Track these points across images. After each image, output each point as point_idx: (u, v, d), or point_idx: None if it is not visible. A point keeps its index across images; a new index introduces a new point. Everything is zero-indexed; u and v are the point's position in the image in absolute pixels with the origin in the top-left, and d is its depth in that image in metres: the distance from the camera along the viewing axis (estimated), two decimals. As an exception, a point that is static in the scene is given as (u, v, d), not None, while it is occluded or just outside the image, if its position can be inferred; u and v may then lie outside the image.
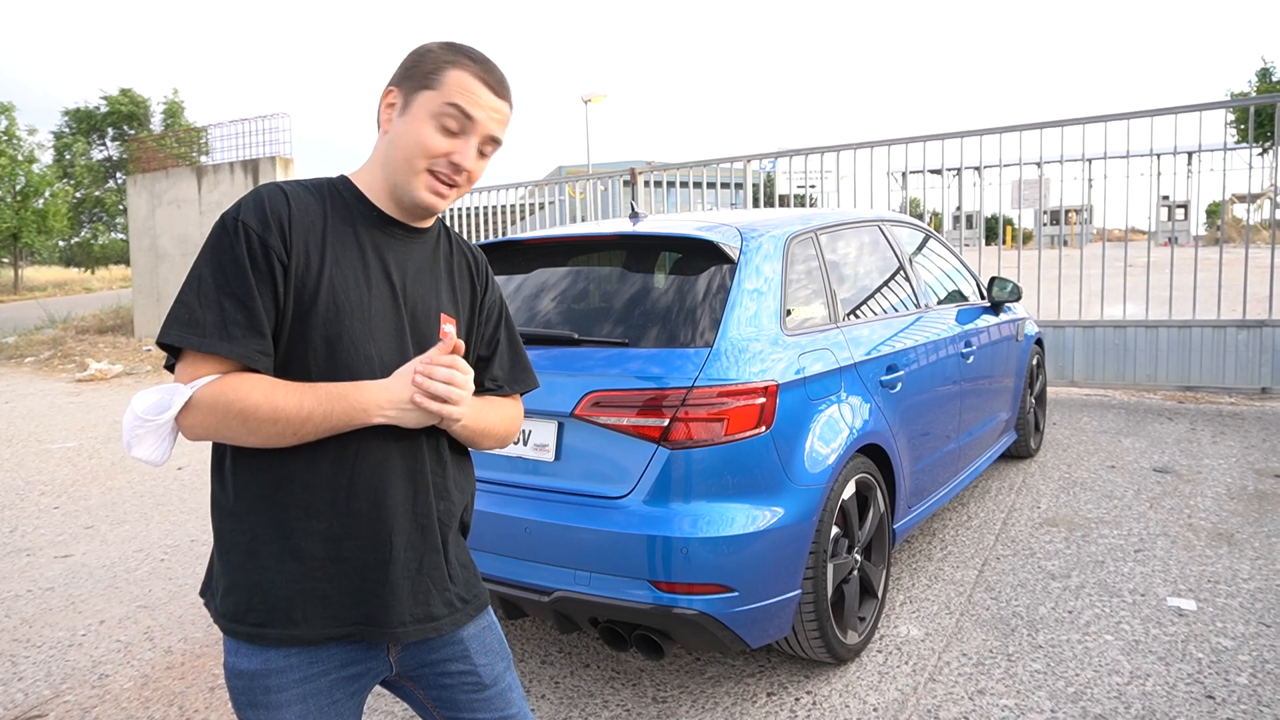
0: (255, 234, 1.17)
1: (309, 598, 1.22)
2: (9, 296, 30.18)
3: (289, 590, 1.22)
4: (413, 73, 1.26)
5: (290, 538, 1.21)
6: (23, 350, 13.19)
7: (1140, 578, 3.39)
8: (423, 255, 1.34)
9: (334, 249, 1.23)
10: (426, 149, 1.24)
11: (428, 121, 1.23)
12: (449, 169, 1.25)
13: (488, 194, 10.69)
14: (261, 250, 1.17)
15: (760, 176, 9.09)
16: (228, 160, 14.01)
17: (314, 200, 1.25)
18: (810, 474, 2.56)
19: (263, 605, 1.22)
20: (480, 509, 2.59)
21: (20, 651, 3.18)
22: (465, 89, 1.24)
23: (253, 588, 1.22)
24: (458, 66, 1.25)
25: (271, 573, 1.21)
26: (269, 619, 1.22)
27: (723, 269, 2.69)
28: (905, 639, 2.98)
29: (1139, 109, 6.66)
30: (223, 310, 1.15)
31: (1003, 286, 4.57)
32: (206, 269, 1.17)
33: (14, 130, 33.21)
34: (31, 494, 5.38)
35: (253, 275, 1.16)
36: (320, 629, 1.23)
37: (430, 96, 1.24)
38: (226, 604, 1.24)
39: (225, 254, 1.17)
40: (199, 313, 1.15)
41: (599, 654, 2.96)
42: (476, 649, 1.38)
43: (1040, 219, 7.82)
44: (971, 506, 4.37)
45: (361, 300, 1.24)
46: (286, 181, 1.26)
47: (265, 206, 1.20)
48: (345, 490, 1.23)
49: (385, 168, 1.28)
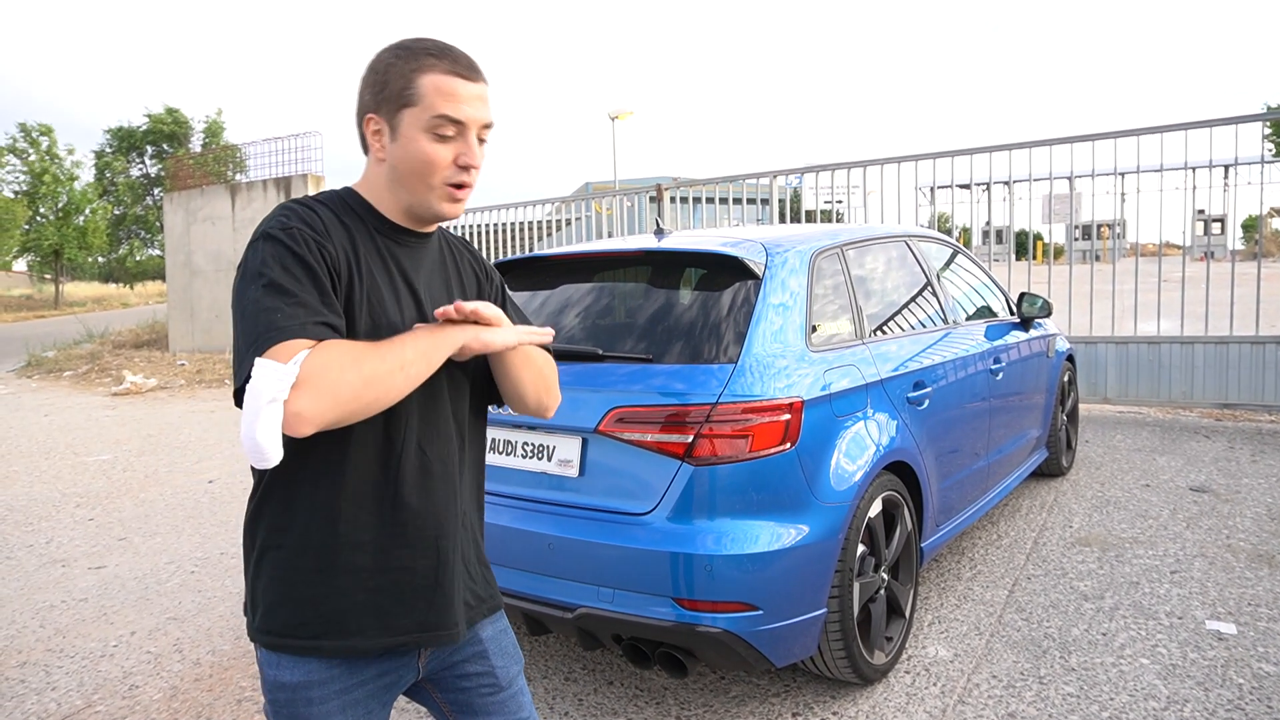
0: (311, 238, 1.16)
1: (363, 609, 1.23)
2: (50, 312, 30.88)
3: (343, 603, 1.23)
4: (384, 94, 1.23)
5: (340, 550, 1.22)
6: (61, 364, 13.47)
7: (1177, 600, 3.32)
8: (432, 258, 1.36)
9: (364, 258, 1.24)
10: (434, 165, 1.23)
11: (422, 139, 1.22)
12: (462, 174, 1.25)
13: (515, 210, 10.78)
14: (319, 249, 1.16)
15: (786, 192, 9.08)
16: (260, 178, 14.27)
17: (334, 217, 1.25)
18: (836, 491, 2.54)
19: (317, 618, 1.22)
20: (504, 524, 2.60)
21: (54, 661, 3.23)
22: (444, 93, 1.21)
23: (304, 601, 1.22)
24: (425, 71, 1.21)
25: (323, 586, 1.22)
26: (324, 631, 1.22)
27: (748, 285, 2.69)
28: (934, 660, 2.93)
29: (1173, 122, 6.57)
30: (308, 306, 1.11)
31: (1033, 302, 4.52)
32: (277, 273, 1.12)
33: (55, 150, 34.12)
34: (67, 505, 5.47)
35: (321, 270, 1.15)
36: (375, 639, 1.25)
37: (414, 114, 1.21)
38: (275, 619, 1.24)
39: (288, 257, 1.13)
40: (289, 310, 1.10)
41: (623, 671, 2.94)
42: (495, 650, 1.41)
43: (1071, 234, 7.73)
44: (1001, 525, 4.30)
45: (393, 315, 1.24)
46: (300, 199, 1.25)
47: (305, 216, 1.19)
48: (391, 500, 1.24)
49: (397, 191, 1.27)
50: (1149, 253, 13.96)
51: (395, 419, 1.24)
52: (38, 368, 13.52)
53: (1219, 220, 20.66)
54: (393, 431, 1.24)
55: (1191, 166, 6.63)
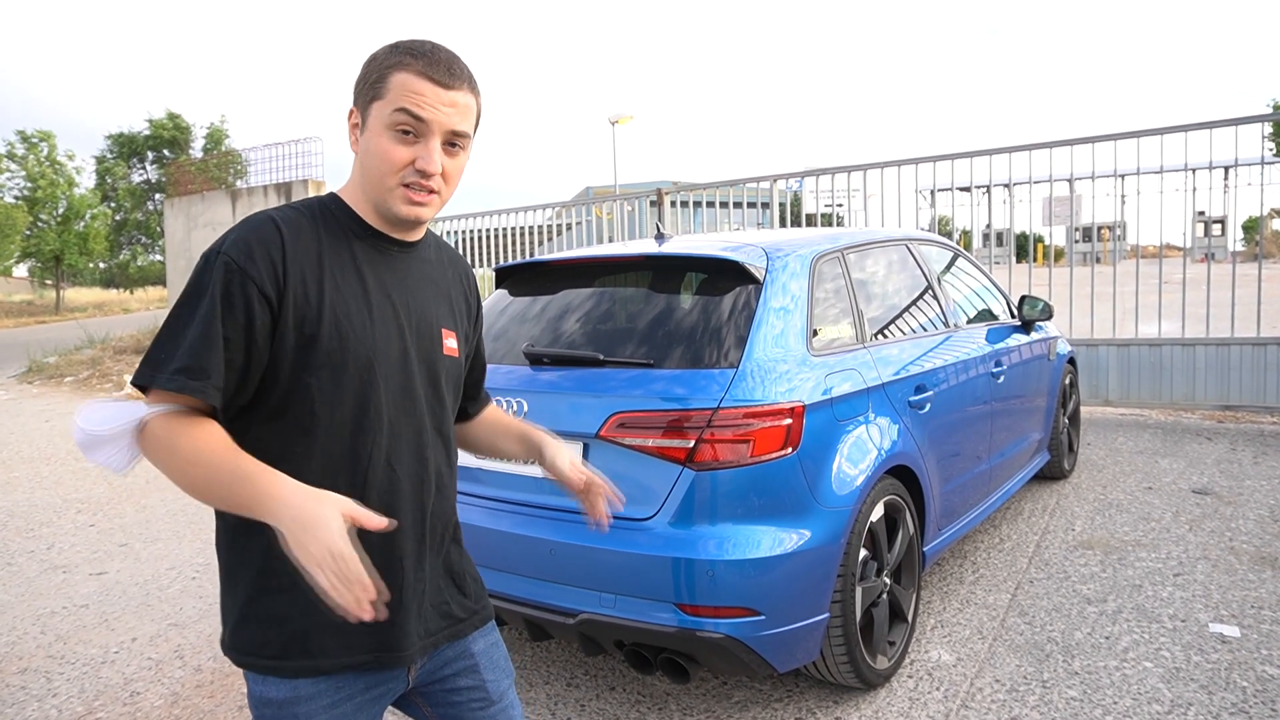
0: (236, 268, 1.14)
1: (323, 629, 1.20)
2: (50, 317, 30.91)
3: (304, 622, 1.20)
4: (362, 86, 1.22)
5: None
6: (63, 370, 13.47)
7: (1180, 603, 3.31)
8: (419, 269, 1.33)
9: (332, 273, 1.21)
10: (390, 162, 1.20)
11: (384, 134, 1.19)
12: (418, 177, 1.21)
13: (515, 215, 10.78)
14: (240, 285, 1.13)
15: (787, 196, 9.08)
16: (261, 183, 14.29)
17: (307, 224, 1.22)
18: (838, 496, 2.53)
19: (279, 638, 1.21)
20: (505, 530, 2.60)
21: (55, 668, 3.22)
22: (409, 90, 1.18)
23: (267, 619, 1.21)
24: (400, 68, 1.19)
25: (284, 605, 1.20)
26: (285, 651, 1.21)
27: (748, 289, 2.69)
28: (936, 664, 2.92)
29: (1173, 124, 6.57)
30: (184, 349, 1.12)
31: (1033, 305, 4.51)
32: (183, 306, 1.14)
33: (54, 156, 34.19)
34: (69, 511, 5.47)
35: (223, 313, 1.12)
36: (337, 659, 1.23)
37: (380, 107, 1.20)
38: (240, 637, 1.23)
39: (199, 291, 1.14)
40: (166, 350, 1.13)
41: (625, 677, 2.94)
42: (486, 664, 1.40)
43: (1072, 236, 7.73)
44: (1004, 528, 4.29)
45: (364, 323, 1.22)
46: (278, 208, 1.23)
47: (253, 243, 1.16)
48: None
49: (365, 187, 1.25)
50: (1150, 254, 13.96)
51: (364, 434, 1.22)
52: (39, 373, 13.52)
53: (1219, 221, 20.66)
54: (359, 447, 1.22)
55: (1192, 168, 6.63)
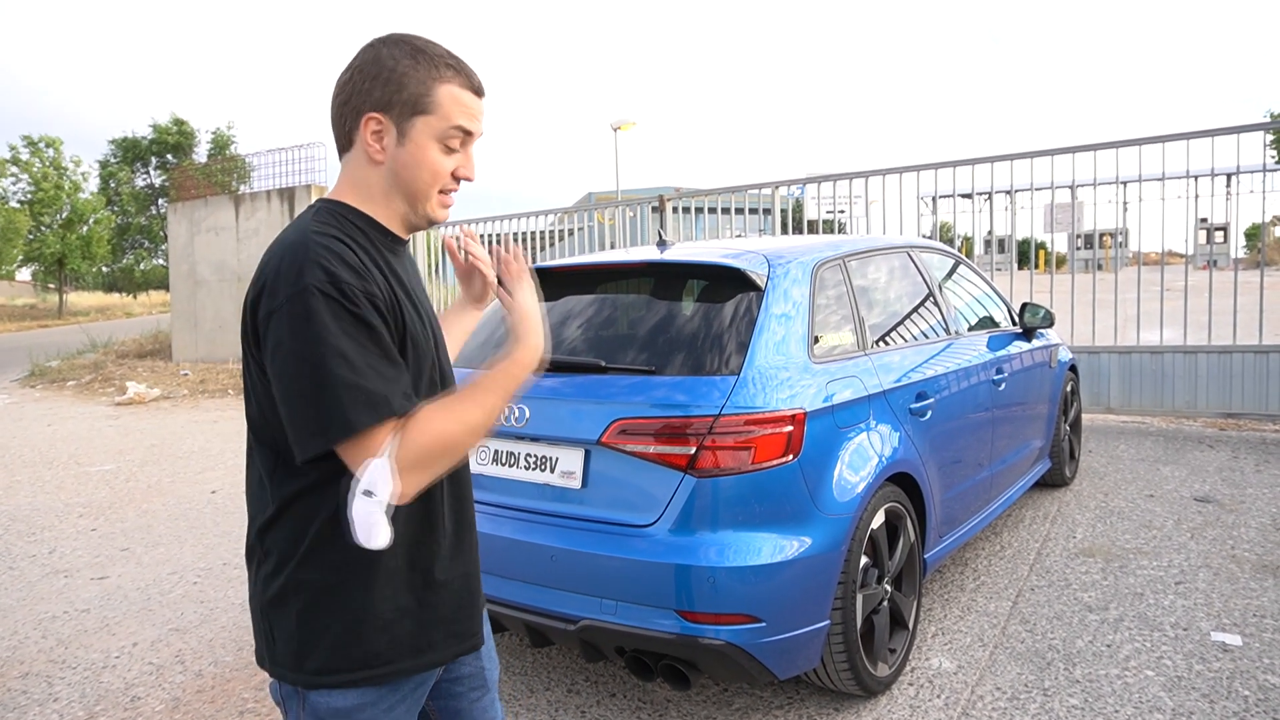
0: (359, 289, 1.12)
1: (434, 625, 1.27)
2: (53, 321, 30.97)
3: (410, 623, 1.25)
4: (399, 97, 1.20)
5: (415, 567, 1.25)
6: (65, 374, 13.50)
7: (1182, 611, 3.30)
8: (412, 261, 1.38)
9: (391, 285, 1.21)
10: (439, 175, 1.25)
11: (433, 147, 1.22)
12: (454, 183, 1.29)
13: (518, 220, 10.81)
14: (369, 300, 1.13)
15: (789, 202, 9.09)
16: (264, 189, 14.32)
17: (352, 240, 1.20)
18: (839, 503, 2.54)
19: (379, 647, 1.22)
20: (506, 536, 2.60)
21: (56, 673, 3.22)
22: (462, 106, 1.24)
23: (366, 633, 1.21)
24: (443, 82, 1.22)
25: (397, 607, 1.23)
26: (397, 653, 1.23)
27: (750, 296, 2.69)
28: (937, 672, 2.92)
29: (1175, 131, 6.58)
30: (384, 376, 1.11)
31: (1034, 312, 4.52)
32: (344, 342, 1.09)
33: (60, 161, 34.30)
34: (70, 515, 5.48)
35: (383, 328, 1.14)
36: (444, 651, 1.30)
37: (429, 121, 1.21)
38: (341, 656, 1.20)
39: (346, 321, 1.10)
40: (373, 385, 1.09)
41: (626, 683, 2.94)
42: (484, 651, 1.44)
43: (1074, 243, 7.74)
44: (1005, 536, 4.29)
45: (415, 325, 1.24)
46: (315, 228, 1.18)
47: (344, 257, 1.14)
48: (454, 512, 1.30)
49: (393, 197, 1.25)
50: (1151, 261, 13.96)
51: None
52: (41, 377, 13.55)
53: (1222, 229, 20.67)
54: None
55: (1194, 175, 6.64)
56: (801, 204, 9.09)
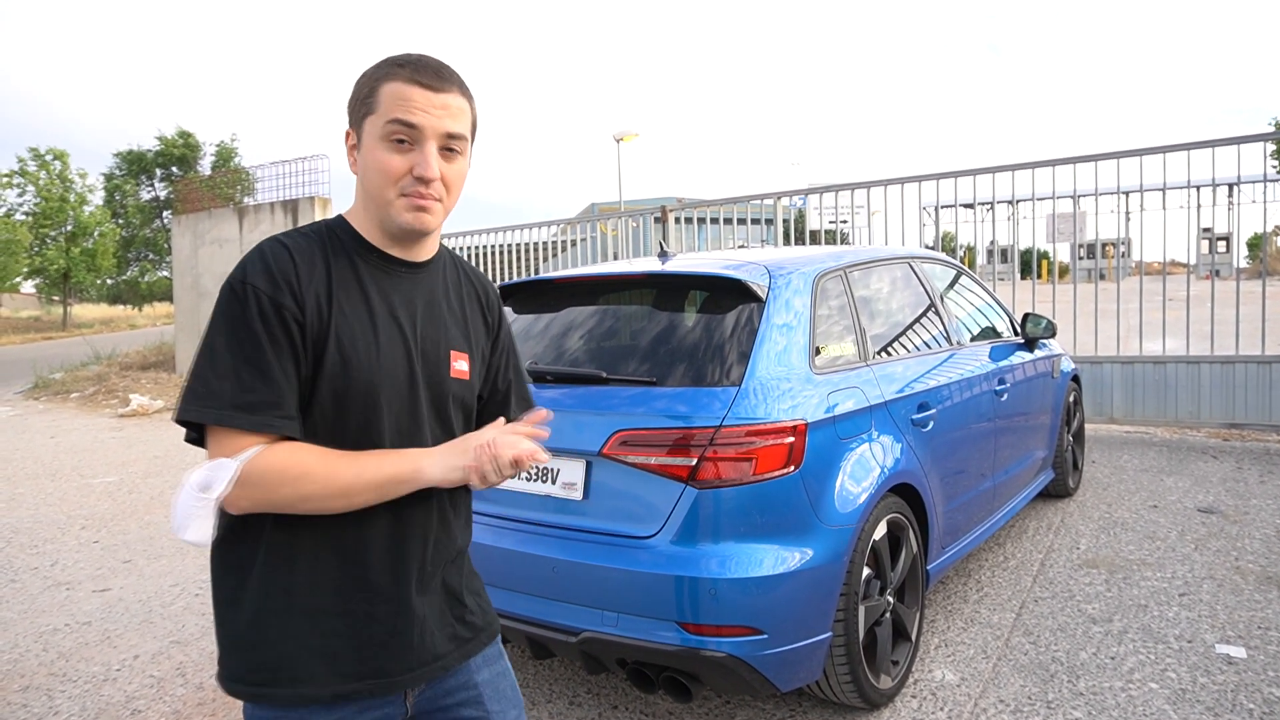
0: (266, 296, 1.14)
1: (315, 654, 1.20)
2: (57, 333, 31.04)
3: (293, 647, 1.19)
4: (354, 105, 1.24)
5: (295, 591, 1.19)
6: (69, 386, 13.52)
7: (1186, 623, 3.29)
8: (430, 290, 1.31)
9: (339, 297, 1.20)
10: (387, 173, 1.20)
11: (379, 146, 1.20)
12: (416, 184, 1.21)
13: (521, 231, 10.84)
14: (275, 312, 1.14)
15: (791, 213, 9.11)
16: (268, 200, 14.37)
17: (315, 249, 1.22)
18: (840, 514, 2.53)
19: (268, 663, 1.19)
20: (507, 547, 2.60)
21: (57, 686, 3.22)
22: (398, 99, 1.19)
23: (257, 644, 1.20)
24: (387, 80, 1.21)
25: (276, 630, 1.19)
26: (275, 678, 1.19)
27: (751, 307, 2.69)
28: (940, 684, 2.90)
29: (1176, 142, 6.59)
30: (240, 380, 1.12)
31: (1036, 323, 4.52)
32: (220, 338, 1.14)
33: (66, 174, 34.46)
34: (73, 528, 5.48)
35: (267, 340, 1.13)
36: (326, 686, 1.21)
37: (372, 121, 1.21)
38: (230, 664, 1.22)
39: (236, 321, 1.14)
40: (215, 384, 1.12)
41: (628, 695, 2.93)
42: (490, 694, 1.36)
43: (1076, 253, 7.74)
44: (1008, 547, 4.27)
45: (369, 348, 1.21)
46: (286, 233, 1.23)
47: (272, 265, 1.17)
48: (350, 541, 1.21)
49: (368, 206, 1.26)
50: (1154, 271, 13.95)
51: None
52: (45, 389, 13.58)
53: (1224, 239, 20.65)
54: None
55: (1195, 185, 6.65)
56: (804, 214, 9.11)
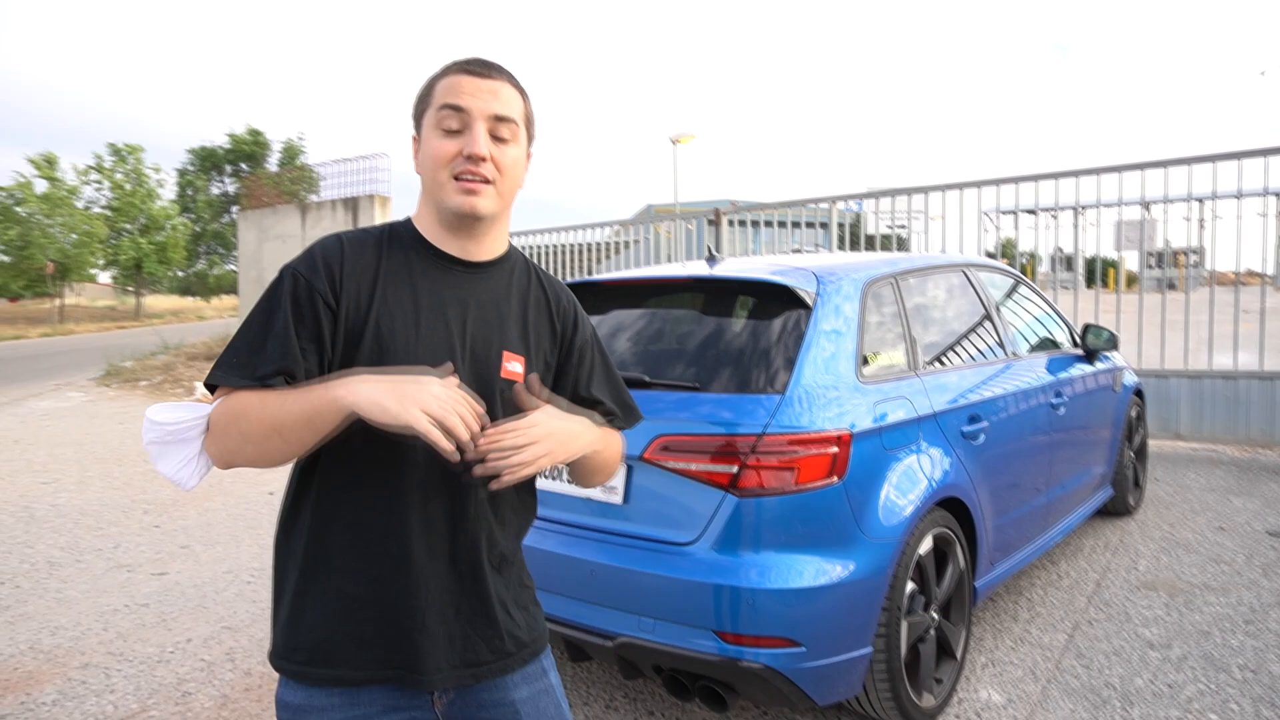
0: (303, 279, 1.23)
1: (348, 639, 1.24)
2: (130, 323, 32.23)
3: (329, 631, 1.24)
4: (416, 107, 1.32)
5: (332, 577, 1.24)
6: (138, 374, 14.02)
7: (1252, 652, 3.14)
8: (490, 291, 1.32)
9: (384, 288, 1.26)
10: (439, 156, 1.25)
11: (433, 135, 1.26)
12: (467, 164, 1.24)
13: (576, 232, 10.90)
14: (306, 294, 1.22)
15: (847, 217, 8.99)
16: (330, 198, 14.71)
17: (370, 243, 1.29)
18: (884, 527, 2.48)
19: (306, 644, 1.25)
20: (546, 549, 2.60)
21: (114, 664, 3.33)
22: (449, 88, 1.26)
23: (297, 628, 1.25)
24: (442, 76, 1.28)
25: (315, 612, 1.24)
26: (312, 658, 1.24)
27: (797, 314, 2.66)
28: (985, 704, 2.83)
29: (1251, 147, 6.32)
30: (257, 350, 1.20)
31: (1097, 334, 4.37)
32: (256, 314, 1.23)
33: (140, 168, 35.78)
34: (135, 512, 5.68)
35: (292, 317, 1.20)
36: (358, 670, 1.24)
37: (429, 115, 1.28)
38: (277, 640, 1.29)
39: (271, 299, 1.23)
40: (237, 354, 1.21)
41: (664, 702, 2.91)
42: (529, 712, 1.31)
43: (1144, 261, 7.48)
44: (1062, 565, 4.14)
45: (408, 340, 1.24)
46: (348, 231, 1.32)
47: (317, 254, 1.26)
48: (381, 533, 1.24)
49: (426, 200, 1.31)
50: (1227, 281, 13.40)
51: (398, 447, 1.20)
52: (116, 377, 14.09)
53: (1305, 249, 19.72)
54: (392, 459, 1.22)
55: (1273, 192, 6.37)
56: (861, 218, 8.98)
